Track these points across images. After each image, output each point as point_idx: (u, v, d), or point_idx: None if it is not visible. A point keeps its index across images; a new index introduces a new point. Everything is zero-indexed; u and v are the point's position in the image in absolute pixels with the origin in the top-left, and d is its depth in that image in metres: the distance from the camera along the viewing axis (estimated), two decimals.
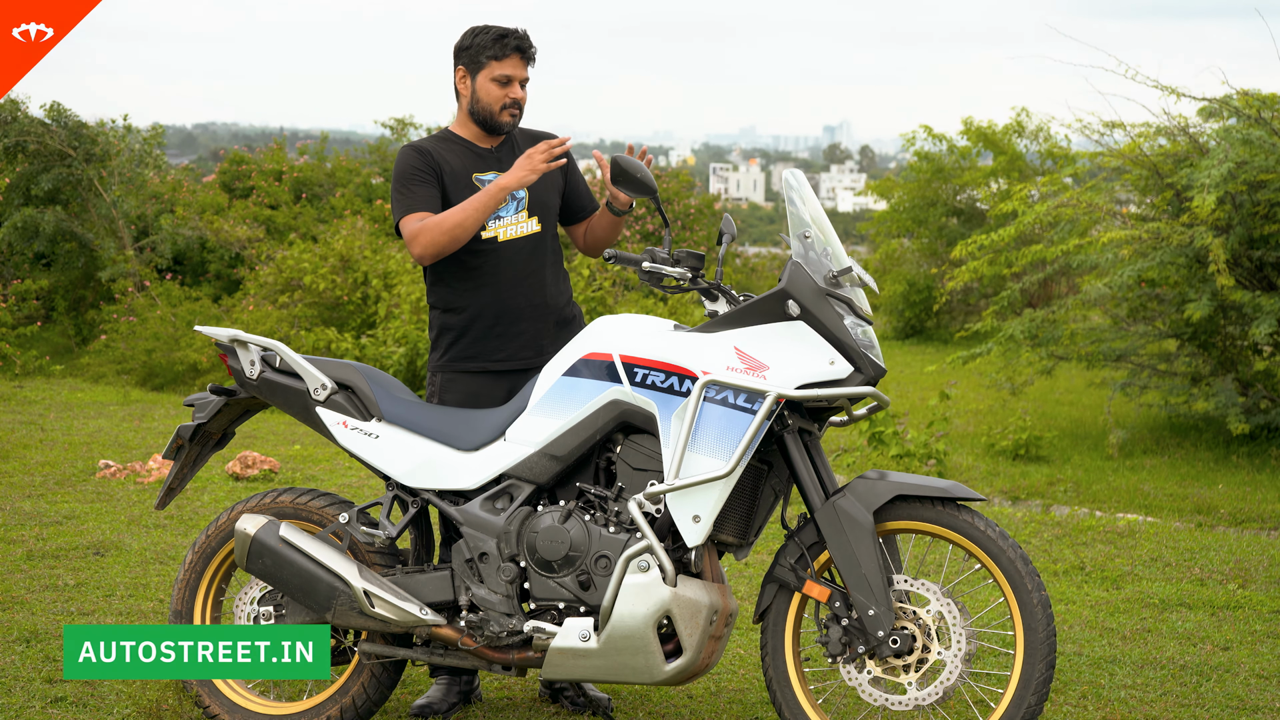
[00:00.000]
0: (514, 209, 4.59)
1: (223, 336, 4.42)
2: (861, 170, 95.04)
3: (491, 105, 4.55)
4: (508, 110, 4.56)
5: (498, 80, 4.54)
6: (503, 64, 4.54)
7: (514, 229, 4.58)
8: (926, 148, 19.48)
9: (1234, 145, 9.24)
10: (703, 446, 3.93)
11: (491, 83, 4.55)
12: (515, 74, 4.55)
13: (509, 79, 4.54)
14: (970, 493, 4.02)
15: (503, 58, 4.54)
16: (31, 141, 15.35)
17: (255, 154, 21.02)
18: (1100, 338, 11.10)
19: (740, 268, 19.42)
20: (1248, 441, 10.38)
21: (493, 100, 4.55)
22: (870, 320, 4.10)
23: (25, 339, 14.43)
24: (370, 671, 4.32)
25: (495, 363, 4.58)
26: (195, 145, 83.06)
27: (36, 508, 7.29)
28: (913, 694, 3.97)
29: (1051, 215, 10.18)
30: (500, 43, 4.54)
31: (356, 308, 13.44)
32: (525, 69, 4.58)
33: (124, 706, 4.50)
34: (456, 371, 4.61)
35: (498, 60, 4.54)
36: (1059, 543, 7.03)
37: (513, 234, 4.58)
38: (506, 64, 4.54)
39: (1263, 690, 4.86)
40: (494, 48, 4.54)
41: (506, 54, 4.54)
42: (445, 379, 4.64)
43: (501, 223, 4.57)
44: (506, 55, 4.54)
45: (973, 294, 18.83)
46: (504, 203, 4.50)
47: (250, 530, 4.25)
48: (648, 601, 3.95)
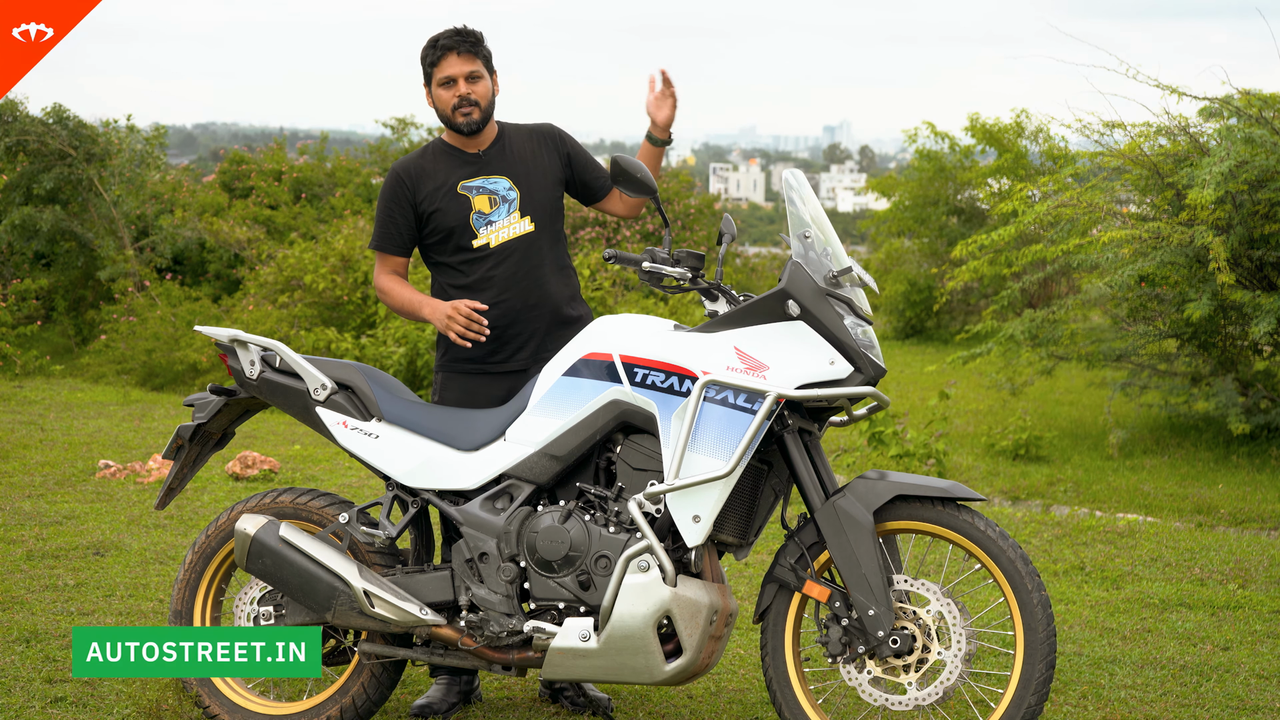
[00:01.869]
0: (505, 211, 4.60)
1: (223, 336, 4.42)
2: (861, 170, 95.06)
3: (445, 110, 4.62)
4: (459, 110, 4.59)
5: (442, 84, 4.60)
6: (440, 67, 4.60)
7: (506, 231, 4.60)
8: (929, 145, 19.47)
9: (1235, 145, 9.24)
10: (703, 446, 3.93)
11: (439, 88, 4.62)
12: (455, 72, 4.58)
13: (451, 79, 4.59)
14: (970, 493, 4.02)
15: (438, 61, 4.61)
16: (32, 141, 15.35)
17: (255, 154, 21.02)
18: (1100, 338, 11.10)
19: (740, 268, 19.42)
20: (1248, 441, 10.38)
21: (444, 105, 4.61)
22: (870, 320, 4.11)
23: (25, 339, 14.43)
24: (370, 671, 4.32)
25: (493, 364, 4.59)
26: (195, 145, 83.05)
27: (36, 508, 7.29)
28: (913, 694, 3.97)
29: (1051, 215, 10.17)
30: (432, 49, 4.62)
31: (356, 308, 13.44)
32: (467, 64, 4.59)
33: (124, 706, 4.50)
34: (455, 372, 4.64)
35: (435, 65, 4.61)
36: (1059, 543, 7.03)
37: (505, 236, 4.60)
38: (444, 66, 4.59)
39: (1263, 690, 4.86)
40: (430, 54, 4.62)
41: (440, 56, 4.60)
42: (444, 378, 4.67)
43: (493, 227, 4.59)
44: (440, 57, 4.60)
45: (973, 294, 18.82)
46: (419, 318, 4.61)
47: (250, 530, 4.25)
48: (648, 601, 3.95)
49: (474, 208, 4.60)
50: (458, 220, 4.59)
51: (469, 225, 4.59)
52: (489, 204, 4.61)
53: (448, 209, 4.58)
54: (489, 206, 4.61)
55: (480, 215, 4.59)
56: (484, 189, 4.62)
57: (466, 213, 4.59)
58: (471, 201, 4.60)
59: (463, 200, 4.59)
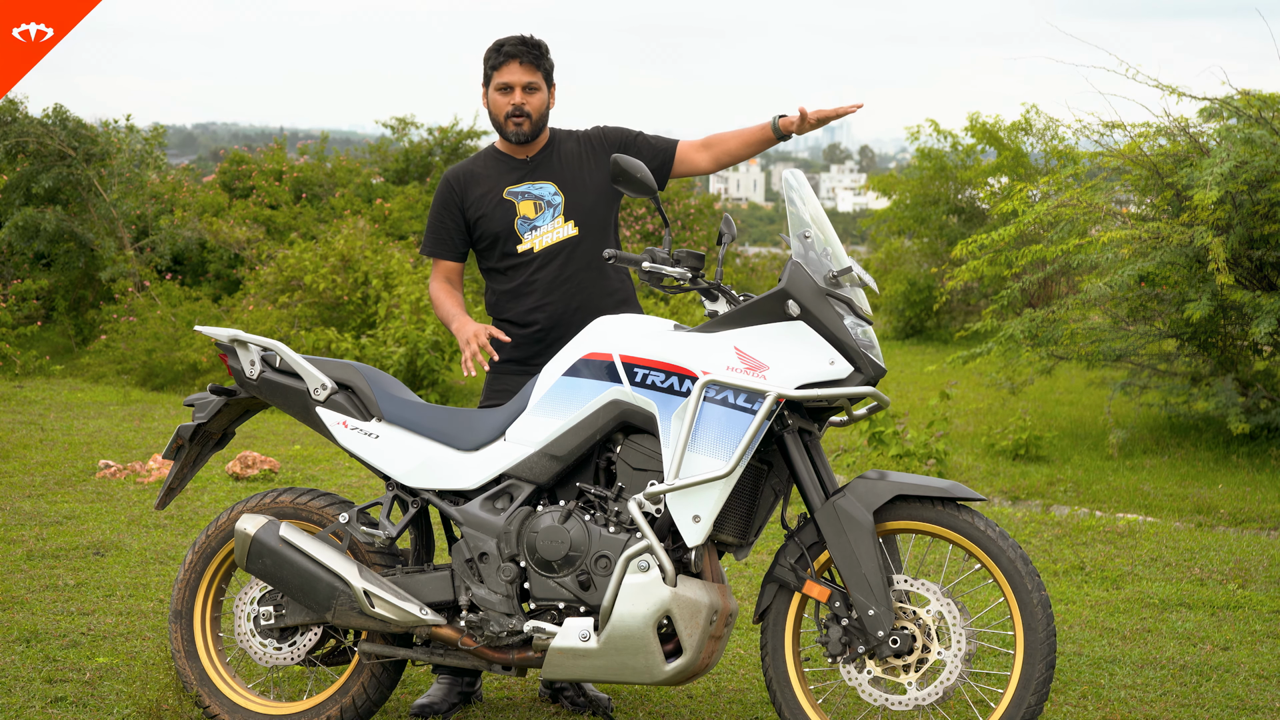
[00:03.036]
0: (550, 215, 4.66)
1: (223, 336, 4.42)
2: (861, 170, 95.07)
3: (498, 115, 4.66)
4: (511, 119, 4.63)
5: (499, 89, 4.64)
6: (500, 72, 4.63)
7: (550, 236, 4.65)
8: (931, 144, 19.46)
9: (1235, 145, 9.24)
10: (703, 446, 3.93)
11: (496, 93, 4.66)
12: (513, 80, 4.62)
13: (508, 86, 4.62)
14: (970, 493, 4.02)
15: (499, 66, 4.64)
16: (31, 141, 15.34)
17: (255, 154, 21.00)
18: (1100, 337, 11.09)
19: (740, 268, 19.43)
20: (1248, 441, 10.38)
21: (498, 110, 4.66)
22: (870, 320, 4.11)
23: (25, 339, 14.43)
24: (370, 671, 4.32)
25: (537, 366, 4.63)
26: (195, 145, 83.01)
27: (36, 508, 7.29)
28: (913, 694, 3.97)
29: (1051, 215, 10.17)
30: (496, 52, 4.65)
31: (356, 308, 13.44)
32: (527, 74, 4.63)
33: (124, 706, 4.50)
34: (502, 372, 4.70)
35: (496, 70, 4.65)
36: (1059, 543, 7.04)
37: (549, 241, 4.65)
38: (504, 72, 4.63)
39: (1263, 690, 4.87)
40: (493, 58, 4.66)
41: (502, 62, 4.63)
42: (492, 378, 4.74)
43: (537, 232, 4.66)
44: (503, 63, 4.63)
45: (973, 294, 18.82)
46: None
47: (250, 530, 4.25)
48: (648, 601, 3.95)
49: (519, 213, 4.65)
50: (502, 226, 4.65)
51: (514, 230, 4.65)
52: (534, 209, 4.66)
53: (493, 215, 4.65)
54: (534, 212, 4.65)
55: (525, 220, 4.64)
56: (529, 194, 4.67)
57: (511, 218, 4.65)
58: (517, 207, 4.65)
59: (508, 206, 4.65)
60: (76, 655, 4.98)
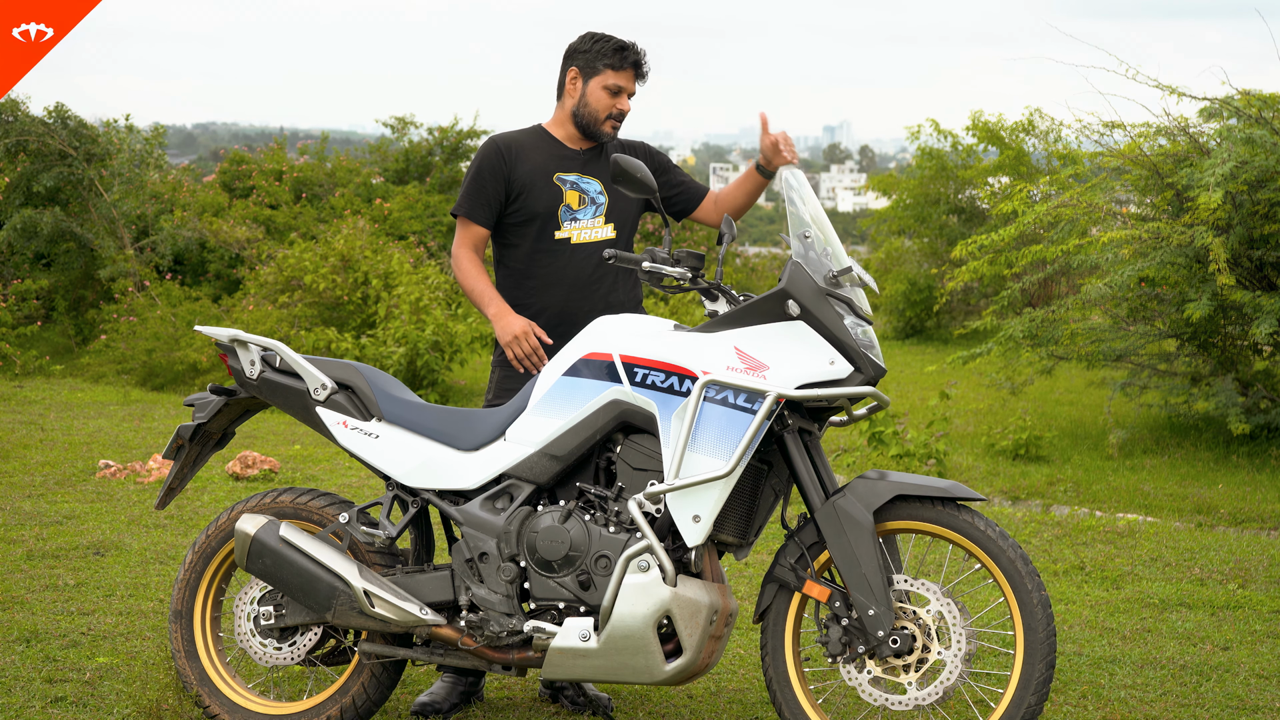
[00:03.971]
0: (592, 213, 4.68)
1: (223, 336, 4.42)
2: (861, 170, 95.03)
3: (598, 112, 4.68)
4: (611, 120, 4.68)
5: (609, 89, 4.67)
6: (618, 75, 4.67)
7: (588, 233, 4.67)
8: (931, 144, 19.45)
9: (1235, 145, 9.24)
10: (703, 446, 3.93)
11: (603, 90, 4.67)
12: (627, 86, 4.68)
13: (620, 90, 4.67)
14: (970, 493, 4.02)
15: (620, 69, 4.67)
16: (32, 141, 15.34)
17: (255, 154, 21.00)
18: (1100, 338, 11.09)
19: (740, 268, 19.42)
20: (1248, 441, 10.38)
21: (600, 107, 4.67)
22: (870, 320, 4.11)
23: (25, 339, 14.42)
24: (370, 671, 4.32)
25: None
26: (195, 145, 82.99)
27: (36, 508, 7.29)
28: (913, 694, 3.97)
29: (1051, 215, 10.17)
30: (620, 54, 4.66)
31: (356, 308, 13.43)
32: (635, 84, 4.71)
33: (124, 706, 4.50)
34: (512, 370, 4.67)
35: (614, 70, 4.67)
36: (1059, 543, 7.04)
37: (586, 238, 4.67)
38: (621, 75, 4.67)
39: (1263, 690, 4.87)
40: (613, 57, 4.66)
41: (624, 66, 4.67)
42: (501, 375, 4.72)
43: (577, 225, 4.67)
44: (623, 68, 4.67)
45: (973, 294, 18.82)
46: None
47: (250, 530, 4.25)
48: (648, 601, 3.95)
49: (564, 200, 4.66)
50: (546, 207, 4.65)
51: (556, 216, 4.66)
52: (578, 201, 4.68)
53: (540, 193, 4.65)
54: (578, 204, 4.68)
55: (568, 209, 4.66)
56: (578, 186, 4.69)
57: (557, 203, 4.66)
58: (564, 194, 4.66)
59: (555, 190, 4.67)
60: (76, 655, 4.98)
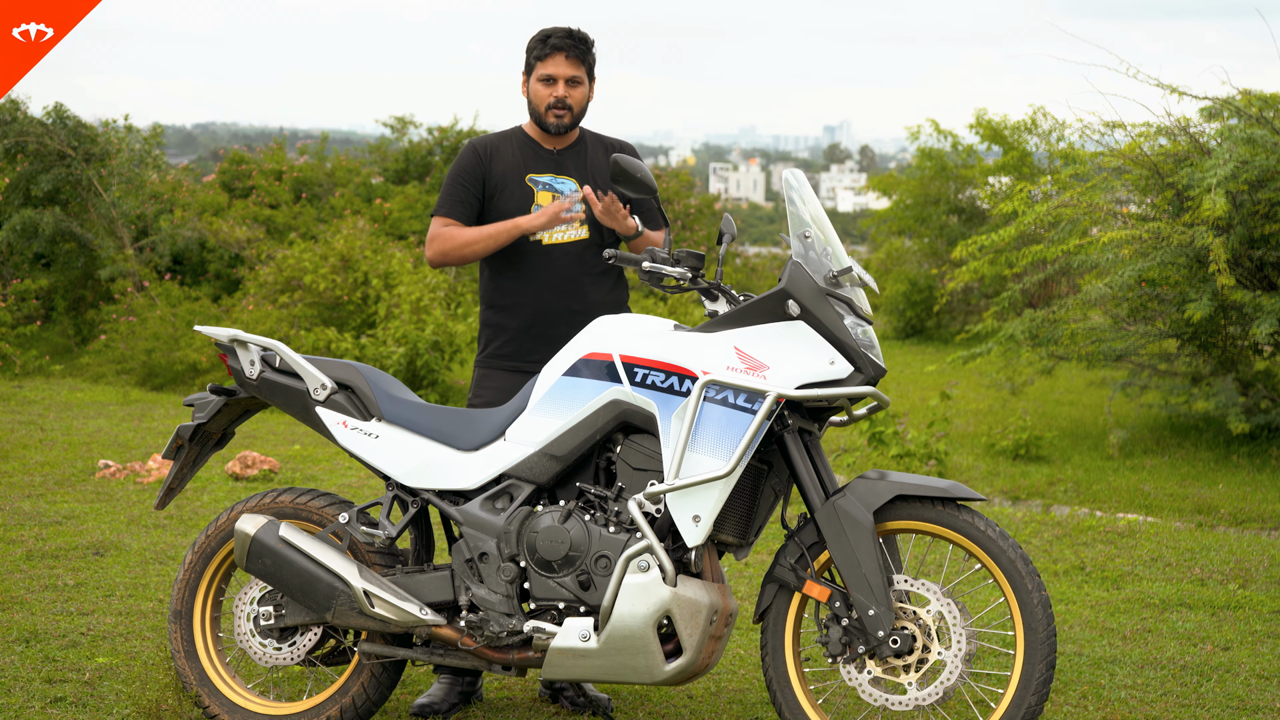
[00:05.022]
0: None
1: (222, 336, 4.42)
2: (861, 170, 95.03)
3: (538, 105, 4.68)
4: (552, 110, 4.66)
5: (543, 80, 4.66)
6: (545, 64, 4.65)
7: (560, 234, 4.65)
8: (931, 143, 19.45)
9: (1236, 145, 9.24)
10: (703, 446, 3.93)
11: (538, 83, 4.68)
12: (558, 73, 4.64)
13: (552, 78, 4.65)
14: (970, 493, 4.01)
15: (545, 57, 4.66)
16: (31, 142, 15.33)
17: (255, 154, 20.99)
18: (1100, 338, 11.09)
19: (740, 268, 19.41)
20: (1248, 441, 10.38)
21: (539, 100, 4.67)
22: (870, 320, 4.11)
23: (25, 339, 14.41)
24: (370, 671, 4.32)
25: (530, 364, 4.63)
26: (195, 145, 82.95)
27: (36, 508, 7.28)
28: (913, 694, 3.97)
29: (1052, 215, 10.17)
30: (543, 43, 4.66)
31: (356, 308, 13.43)
32: (571, 67, 4.66)
33: (124, 706, 4.50)
34: (492, 368, 4.69)
35: (541, 60, 4.66)
36: (1059, 543, 7.03)
37: (559, 238, 4.66)
38: (549, 63, 4.65)
39: (1263, 690, 4.86)
40: (538, 48, 4.67)
41: (548, 53, 4.65)
42: (481, 374, 4.73)
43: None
44: (548, 55, 4.65)
45: (973, 294, 18.82)
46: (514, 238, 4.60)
47: (250, 530, 4.25)
48: (648, 601, 3.95)
49: (536, 201, 4.66)
50: (518, 208, 4.66)
51: None
52: (551, 201, 4.66)
53: (511, 195, 4.66)
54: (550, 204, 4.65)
55: (540, 210, 4.63)
56: (551, 187, 4.69)
57: (528, 204, 4.66)
58: (535, 195, 4.66)
59: (528, 191, 4.67)
60: (76, 655, 4.98)
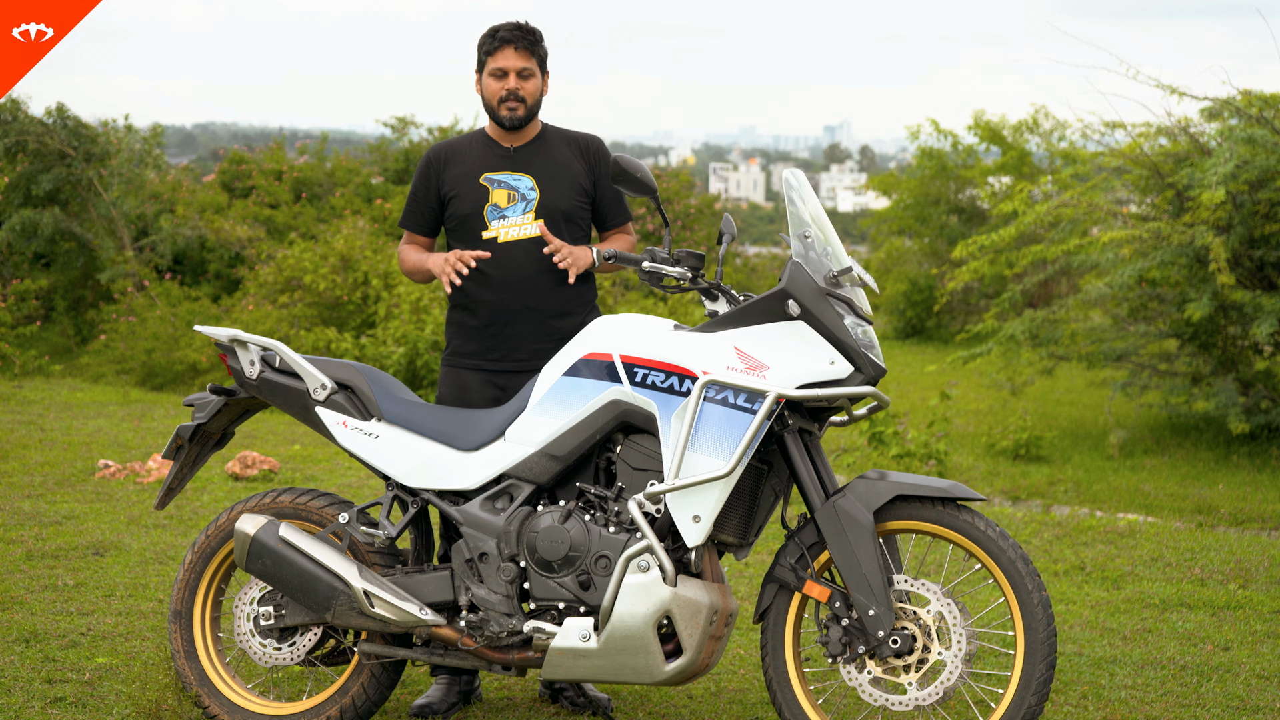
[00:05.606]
0: (520, 210, 4.63)
1: (222, 336, 4.42)
2: (861, 170, 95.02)
3: (491, 100, 4.66)
4: (504, 104, 4.63)
5: (493, 74, 4.65)
6: (495, 58, 4.64)
7: (515, 230, 4.62)
8: (931, 143, 19.45)
9: (1236, 145, 9.24)
10: (703, 446, 3.93)
11: (490, 78, 4.67)
12: (508, 65, 4.62)
13: (503, 71, 4.63)
14: (970, 493, 4.01)
15: (494, 51, 4.65)
16: (31, 141, 15.34)
17: (255, 154, 20.99)
18: (1100, 338, 11.10)
19: (740, 268, 19.41)
20: (1248, 441, 10.38)
21: (491, 95, 4.66)
22: (870, 320, 4.10)
23: (25, 339, 14.42)
24: (370, 671, 4.32)
25: (489, 361, 4.62)
26: (195, 145, 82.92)
27: (36, 508, 7.28)
28: (913, 694, 3.97)
29: (1052, 215, 10.18)
30: (492, 38, 4.66)
31: (356, 308, 13.43)
32: (522, 60, 4.63)
33: (124, 706, 4.50)
34: (454, 366, 4.68)
35: (491, 55, 4.65)
36: (1059, 543, 7.03)
37: (514, 235, 4.62)
38: (499, 57, 4.63)
39: (1263, 690, 4.86)
40: (488, 43, 4.66)
41: (497, 47, 4.64)
42: (444, 372, 4.73)
43: (505, 223, 4.63)
44: (498, 48, 4.64)
45: (974, 294, 18.82)
46: (428, 279, 4.72)
47: (250, 530, 4.25)
48: (648, 601, 3.95)
49: (490, 200, 4.64)
50: (471, 209, 4.64)
51: (482, 216, 4.64)
52: (507, 199, 4.65)
53: (465, 196, 4.65)
54: (506, 202, 4.65)
55: (495, 208, 4.64)
56: (506, 184, 4.66)
57: (482, 203, 4.64)
58: (490, 193, 4.64)
59: (482, 191, 4.65)
60: (76, 655, 4.98)
